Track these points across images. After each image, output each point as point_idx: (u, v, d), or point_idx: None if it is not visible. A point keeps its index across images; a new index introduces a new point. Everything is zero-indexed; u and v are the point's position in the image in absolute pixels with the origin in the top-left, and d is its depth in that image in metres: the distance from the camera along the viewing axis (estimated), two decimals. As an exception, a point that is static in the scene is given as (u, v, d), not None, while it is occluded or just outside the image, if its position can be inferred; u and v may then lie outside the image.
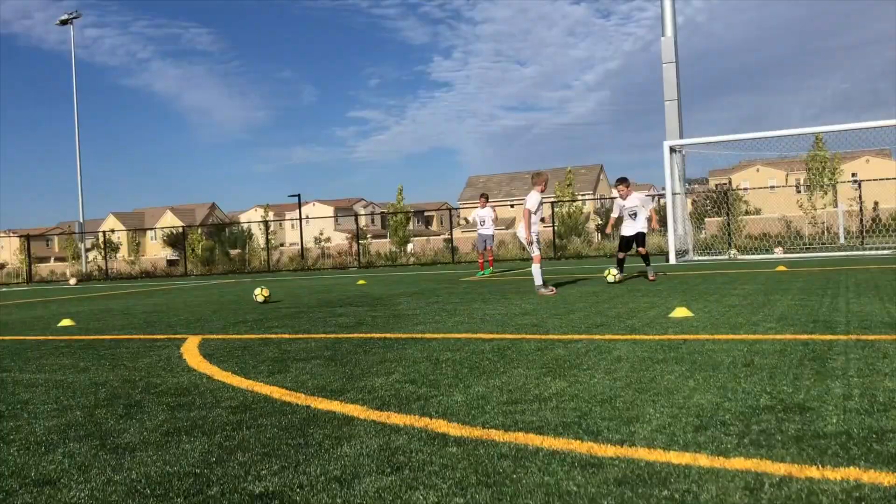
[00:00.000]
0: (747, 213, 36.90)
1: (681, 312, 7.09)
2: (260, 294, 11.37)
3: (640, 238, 12.29)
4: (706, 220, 31.10)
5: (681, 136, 22.70)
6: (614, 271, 12.01)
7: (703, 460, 2.73)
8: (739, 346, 5.16)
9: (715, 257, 21.18)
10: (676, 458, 2.77)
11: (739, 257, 20.58)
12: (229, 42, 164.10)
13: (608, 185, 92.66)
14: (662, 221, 20.32)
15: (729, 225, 25.88)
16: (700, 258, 21.09)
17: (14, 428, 3.79)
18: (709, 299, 8.59)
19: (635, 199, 12.37)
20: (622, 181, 12.48)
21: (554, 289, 10.62)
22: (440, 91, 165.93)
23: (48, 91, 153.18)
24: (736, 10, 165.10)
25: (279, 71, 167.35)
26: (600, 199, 73.81)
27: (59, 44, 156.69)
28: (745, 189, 48.52)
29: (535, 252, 10.63)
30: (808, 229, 33.08)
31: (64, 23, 42.93)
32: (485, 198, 17.61)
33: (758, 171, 76.08)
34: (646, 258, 12.43)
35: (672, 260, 19.62)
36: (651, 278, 12.14)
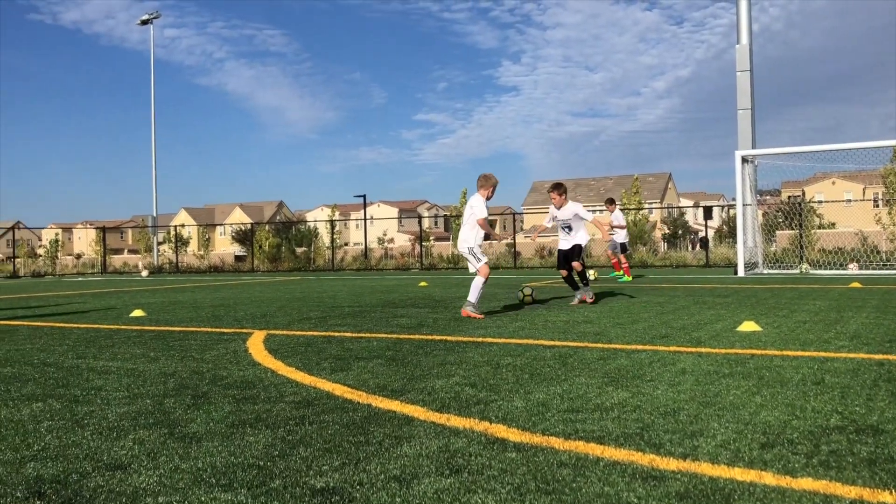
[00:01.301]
0: (821, 226, 35.76)
1: (748, 326, 6.92)
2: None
3: (576, 250, 10.46)
4: (777, 232, 30.27)
5: (753, 146, 22.16)
6: (528, 289, 10.75)
7: (769, 479, 2.67)
8: (809, 364, 5.01)
9: (785, 271, 20.64)
10: (741, 475, 2.71)
11: (811, 272, 19.99)
12: (302, 44, 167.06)
13: (676, 193, 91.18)
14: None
15: (801, 238, 25.11)
16: (770, 272, 20.58)
17: (88, 413, 3.94)
18: (778, 314, 8.37)
19: (570, 212, 10.43)
20: (556, 188, 10.45)
21: (482, 315, 8.76)
22: (507, 95, 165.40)
23: (127, 88, 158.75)
24: (815, 18, 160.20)
25: (349, 73, 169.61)
26: (668, 207, 72.69)
27: (139, 43, 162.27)
28: (820, 202, 47.06)
29: (482, 263, 9.10)
30: (886, 245, 31.86)
31: (144, 23, 44.40)
32: (611, 202, 16.79)
33: (833, 183, 73.66)
34: (582, 275, 10.49)
35: (741, 272, 19.20)
36: (589, 301, 10.25)
